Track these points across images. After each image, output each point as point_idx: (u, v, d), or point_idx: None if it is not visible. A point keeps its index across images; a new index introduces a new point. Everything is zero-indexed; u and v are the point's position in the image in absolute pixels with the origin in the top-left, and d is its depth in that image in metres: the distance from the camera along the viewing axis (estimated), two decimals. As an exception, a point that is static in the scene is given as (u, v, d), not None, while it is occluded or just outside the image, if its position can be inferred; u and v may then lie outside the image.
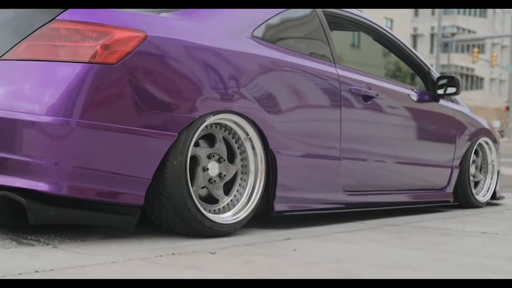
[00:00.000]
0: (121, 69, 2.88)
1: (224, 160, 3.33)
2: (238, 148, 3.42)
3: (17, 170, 2.77)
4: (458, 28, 69.38)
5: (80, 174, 2.79)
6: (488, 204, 5.50)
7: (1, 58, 2.92)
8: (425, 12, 71.11)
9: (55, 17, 2.92)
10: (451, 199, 5.12)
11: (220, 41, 3.34)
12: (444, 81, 4.95)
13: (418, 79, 5.17)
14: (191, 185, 3.11)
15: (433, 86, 4.96)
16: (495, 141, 5.58)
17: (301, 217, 4.06)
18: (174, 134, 3.01)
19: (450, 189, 5.08)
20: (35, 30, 2.91)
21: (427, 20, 70.38)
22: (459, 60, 68.10)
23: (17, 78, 2.89)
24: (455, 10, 69.56)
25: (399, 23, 48.30)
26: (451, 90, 4.92)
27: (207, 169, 3.27)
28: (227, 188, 3.39)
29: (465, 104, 5.47)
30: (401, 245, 3.18)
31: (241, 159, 3.43)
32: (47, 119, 2.75)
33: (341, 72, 4.05)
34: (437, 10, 51.91)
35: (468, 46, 68.16)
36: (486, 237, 3.56)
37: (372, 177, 4.34)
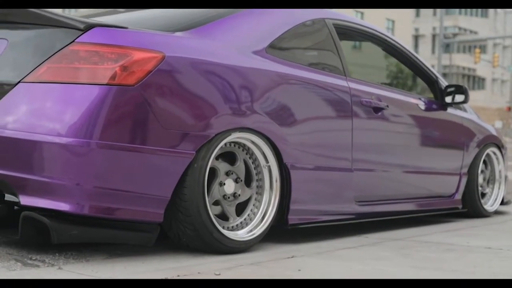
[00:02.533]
0: (139, 90, 2.93)
1: (241, 180, 3.40)
2: (254, 168, 3.48)
3: (40, 191, 2.83)
4: (459, 28, 69.32)
5: (101, 194, 2.85)
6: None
7: (23, 81, 2.97)
8: (426, 13, 71.04)
9: (75, 39, 2.97)
10: (460, 206, 5.17)
11: (234, 59, 3.40)
12: (452, 89, 5.00)
13: (419, 81, 5.20)
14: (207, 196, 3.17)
15: (441, 95, 5.00)
16: (502, 147, 5.62)
17: (304, 229, 4.05)
18: (192, 153, 3.08)
19: (458, 196, 5.12)
20: (56, 52, 2.96)
21: (428, 20, 70.32)
22: (461, 61, 68.04)
23: (39, 100, 2.94)
24: (457, 10, 69.49)
25: (401, 24, 48.25)
26: (459, 98, 4.97)
27: (224, 184, 3.33)
28: (239, 207, 3.44)
29: (473, 111, 5.50)
30: (406, 264, 3.17)
31: (257, 180, 3.49)
32: (68, 140, 2.81)
33: (352, 85, 4.11)
34: (438, 11, 51.91)
35: (469, 46, 68.08)
36: (491, 253, 3.55)
37: (383, 187, 4.39)
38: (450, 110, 5.08)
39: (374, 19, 45.34)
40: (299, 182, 3.59)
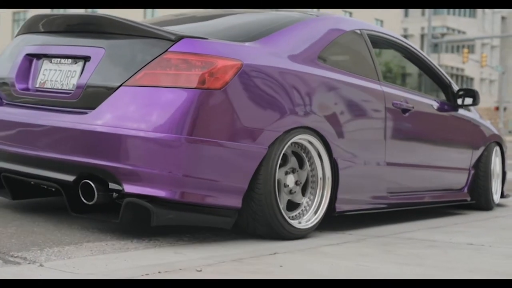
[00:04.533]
0: (223, 93, 3.39)
1: (297, 170, 3.86)
2: (305, 156, 3.91)
3: (140, 180, 3.29)
4: (448, 28, 69.62)
5: (189, 182, 3.30)
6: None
7: (124, 85, 3.41)
8: (415, 13, 71.31)
9: (168, 49, 3.41)
10: (468, 198, 5.61)
11: (295, 65, 3.88)
12: (462, 93, 5.48)
13: (409, 80, 5.52)
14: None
15: (453, 97, 5.47)
16: (503, 144, 6.10)
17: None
18: (265, 148, 3.54)
19: (467, 189, 5.60)
20: (151, 60, 3.41)
21: (417, 20, 70.60)
22: (449, 61, 68.34)
23: (138, 101, 3.39)
24: (445, 10, 69.80)
25: (389, 24, 48.33)
26: (468, 100, 5.44)
27: (287, 185, 3.78)
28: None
29: (476, 112, 5.89)
30: (389, 260, 3.19)
31: (310, 164, 3.93)
32: (163, 136, 3.27)
33: (385, 89, 4.60)
34: (427, 11, 52.08)
35: (458, 46, 68.40)
36: (472, 249, 3.58)
37: (408, 181, 4.86)
38: (460, 111, 5.55)
39: (363, 19, 45.10)
40: (344, 175, 4.04)
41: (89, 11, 37.85)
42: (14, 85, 3.89)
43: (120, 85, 3.42)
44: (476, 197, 5.65)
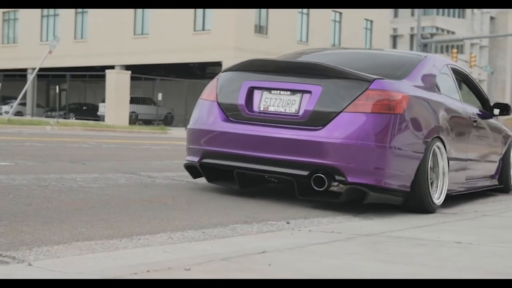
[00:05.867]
0: (402, 116, 5.22)
1: (432, 167, 5.64)
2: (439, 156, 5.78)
3: (358, 173, 5.09)
4: (437, 28, 69.82)
5: (387, 174, 5.14)
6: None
7: (343, 111, 5.17)
8: (404, 13, 71.46)
9: (368, 87, 5.20)
10: (497, 183, 7.61)
11: (429, 93, 5.76)
12: (497, 105, 7.42)
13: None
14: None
15: (490, 109, 7.42)
16: None
17: (280, 226, 4.07)
18: (423, 152, 5.40)
19: (497, 176, 7.60)
20: (359, 95, 5.18)
21: (406, 21, 70.72)
22: (438, 61, 68.43)
23: (354, 122, 5.14)
24: (434, 10, 69.97)
25: (379, 24, 48.34)
26: (498, 111, 7.43)
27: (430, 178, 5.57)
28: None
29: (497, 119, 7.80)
30: (377, 258, 3.21)
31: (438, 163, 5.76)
32: (373, 144, 5.10)
33: (465, 106, 6.57)
34: (416, 11, 52.13)
35: (447, 46, 68.56)
36: (460, 248, 3.60)
37: (473, 171, 6.74)
38: (494, 119, 7.47)
39: (353, 19, 45.45)
40: (452, 169, 5.97)
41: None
42: (242, 109, 5.56)
43: (340, 111, 5.18)
44: (503, 182, 7.65)
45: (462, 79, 7.05)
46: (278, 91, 5.44)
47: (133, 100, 35.73)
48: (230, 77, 5.78)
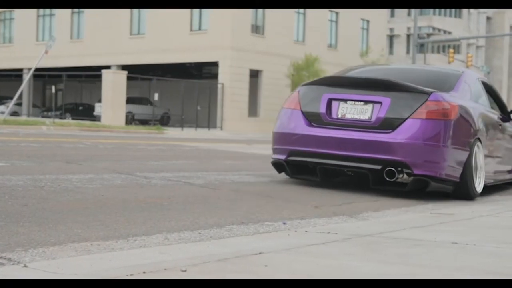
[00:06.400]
0: (454, 122, 6.61)
1: (475, 162, 7.04)
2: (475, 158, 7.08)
3: (422, 167, 6.50)
4: (433, 28, 69.87)
5: (445, 167, 6.56)
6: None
7: (410, 117, 6.54)
8: (401, 13, 71.50)
9: (427, 98, 6.58)
10: None
11: (470, 103, 7.19)
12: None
13: None
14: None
15: (508, 114, 8.70)
16: None
17: (276, 227, 4.06)
18: (468, 149, 6.79)
19: None
20: (421, 105, 6.56)
21: (403, 21, 70.76)
22: (435, 61, 68.51)
23: (417, 127, 6.51)
24: (431, 10, 70.00)
25: (375, 24, 48.34)
26: None
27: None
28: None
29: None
30: (374, 259, 3.20)
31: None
32: (433, 144, 6.51)
33: (493, 112, 8.02)
34: (413, 11, 52.20)
35: (443, 46, 68.62)
36: (457, 248, 3.59)
37: (498, 166, 8.06)
38: (510, 122, 8.73)
39: (349, 19, 45.47)
40: (486, 162, 7.34)
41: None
42: (323, 116, 6.94)
43: (406, 118, 6.56)
44: None
45: (487, 89, 8.35)
46: (353, 102, 6.83)
47: (129, 100, 35.74)
48: (310, 90, 7.17)
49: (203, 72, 43.67)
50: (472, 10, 74.90)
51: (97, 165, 8.01)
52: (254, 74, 39.42)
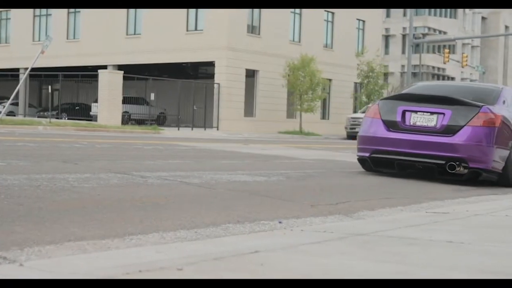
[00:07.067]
0: (498, 128, 9.02)
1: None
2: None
3: (476, 162, 8.92)
4: (429, 28, 69.97)
5: (492, 162, 9.01)
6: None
7: (466, 125, 8.95)
8: (396, 13, 71.60)
9: (479, 110, 8.99)
10: None
11: (509, 113, 9.41)
12: None
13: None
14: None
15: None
16: None
17: (272, 225, 4.07)
18: (508, 148, 9.24)
19: None
20: (474, 115, 8.98)
21: (398, 21, 70.86)
22: (430, 61, 68.66)
23: (473, 132, 8.93)
24: (426, 11, 70.11)
25: (371, 24, 48.37)
26: None
27: None
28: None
29: None
30: (369, 257, 3.21)
31: None
32: (485, 144, 8.91)
33: None
34: (408, 11, 52.28)
35: (439, 46, 68.75)
36: (452, 247, 3.60)
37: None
38: None
39: (345, 19, 45.49)
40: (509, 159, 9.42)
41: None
42: (399, 123, 9.37)
43: (464, 125, 8.90)
44: None
45: None
46: (422, 113, 9.26)
47: (125, 100, 35.67)
48: (387, 103, 9.68)
49: (199, 72, 43.63)
50: (467, 10, 75.03)
51: (94, 164, 8.01)
52: (250, 74, 39.41)
